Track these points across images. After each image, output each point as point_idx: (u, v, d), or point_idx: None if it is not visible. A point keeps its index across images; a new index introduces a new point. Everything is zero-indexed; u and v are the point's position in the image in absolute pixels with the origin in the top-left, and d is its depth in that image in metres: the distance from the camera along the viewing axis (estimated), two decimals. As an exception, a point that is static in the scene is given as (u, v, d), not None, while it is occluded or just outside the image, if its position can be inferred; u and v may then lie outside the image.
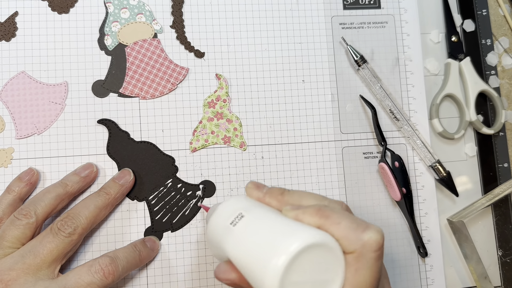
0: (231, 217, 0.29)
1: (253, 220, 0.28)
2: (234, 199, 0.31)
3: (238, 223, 0.29)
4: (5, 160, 0.40)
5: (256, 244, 0.27)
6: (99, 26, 0.43)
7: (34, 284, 0.33)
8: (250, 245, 0.27)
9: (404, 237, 0.45)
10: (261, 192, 0.31)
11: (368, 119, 0.45)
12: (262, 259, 0.26)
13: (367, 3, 0.47)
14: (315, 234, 0.26)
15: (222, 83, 0.43)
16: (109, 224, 0.40)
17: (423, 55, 0.47)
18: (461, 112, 0.48)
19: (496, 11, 0.50)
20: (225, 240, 0.29)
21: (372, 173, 0.45)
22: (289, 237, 0.25)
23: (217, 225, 0.30)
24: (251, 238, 0.27)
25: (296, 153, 0.44)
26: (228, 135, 0.43)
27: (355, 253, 0.26)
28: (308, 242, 0.25)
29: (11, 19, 0.42)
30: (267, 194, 0.31)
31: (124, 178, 0.40)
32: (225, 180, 0.43)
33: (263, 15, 0.45)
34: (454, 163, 0.47)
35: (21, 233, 0.35)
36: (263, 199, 0.31)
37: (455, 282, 0.46)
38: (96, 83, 0.42)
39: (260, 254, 0.26)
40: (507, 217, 0.47)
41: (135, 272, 0.40)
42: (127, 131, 0.42)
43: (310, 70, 0.45)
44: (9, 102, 0.41)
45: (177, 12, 0.44)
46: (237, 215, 0.29)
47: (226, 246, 0.29)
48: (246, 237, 0.28)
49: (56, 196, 0.37)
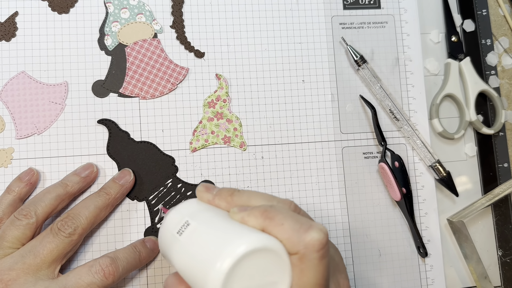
0: (177, 226, 0.29)
1: (198, 227, 0.28)
2: (183, 204, 0.31)
3: (184, 232, 0.28)
4: (5, 160, 0.40)
5: (200, 251, 0.26)
6: (99, 26, 0.43)
7: (34, 284, 0.33)
8: (194, 253, 0.27)
9: (404, 237, 0.45)
10: (211, 194, 0.31)
11: (368, 119, 0.45)
12: (205, 266, 0.25)
13: (367, 3, 0.47)
14: (258, 239, 0.25)
15: (222, 83, 0.43)
16: (109, 224, 0.40)
17: (423, 55, 0.47)
18: (461, 112, 0.48)
19: (496, 11, 0.50)
20: (172, 250, 0.28)
21: (372, 173, 0.45)
22: (230, 243, 0.25)
23: (165, 235, 0.30)
24: (195, 246, 0.27)
25: (296, 153, 0.44)
26: (228, 135, 0.43)
27: (298, 254, 0.25)
28: (250, 247, 0.25)
29: (11, 19, 0.42)
30: (216, 196, 0.31)
31: (124, 178, 0.40)
32: (225, 180, 0.43)
33: (263, 15, 0.45)
34: (454, 163, 0.47)
35: (21, 234, 0.35)
36: (212, 202, 0.31)
37: (455, 282, 0.46)
38: (96, 83, 0.42)
39: (203, 261, 0.26)
40: (507, 217, 0.47)
41: (135, 272, 0.40)
42: (127, 131, 0.42)
43: (310, 70, 0.45)
44: (9, 102, 0.41)
45: (177, 12, 0.44)
46: (183, 223, 0.29)
47: (173, 257, 0.28)
48: (190, 246, 0.27)
49: (56, 196, 0.37)
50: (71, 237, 0.35)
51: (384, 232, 0.44)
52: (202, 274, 0.25)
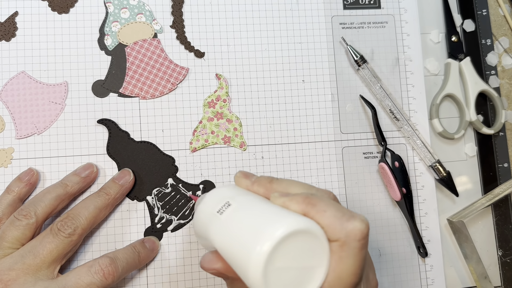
0: (218, 206, 0.29)
1: (240, 208, 0.28)
2: (222, 188, 0.31)
3: (225, 212, 0.28)
4: (5, 160, 0.40)
5: (241, 231, 0.27)
6: (99, 26, 0.43)
7: (34, 284, 0.33)
8: (236, 233, 0.27)
9: (404, 237, 0.45)
10: (250, 181, 0.31)
11: (368, 119, 0.45)
12: (246, 246, 0.25)
13: (367, 3, 0.47)
14: (300, 221, 0.26)
15: (222, 83, 0.43)
16: (109, 224, 0.40)
17: (423, 55, 0.47)
18: (461, 112, 0.48)
19: (496, 11, 0.50)
20: (212, 229, 0.29)
21: (372, 173, 0.45)
22: (274, 224, 0.25)
23: (204, 214, 0.30)
24: (236, 226, 0.27)
25: (296, 153, 0.44)
26: (228, 135, 0.43)
27: (339, 242, 0.26)
28: (292, 229, 0.25)
29: (11, 19, 0.42)
30: (255, 183, 0.31)
31: (124, 178, 0.40)
32: (225, 180, 0.43)
33: (263, 15, 0.45)
34: (454, 163, 0.47)
35: (21, 234, 0.35)
36: (251, 188, 0.31)
37: (455, 282, 0.46)
38: (96, 83, 0.42)
39: (245, 241, 0.26)
40: (507, 217, 0.47)
41: (135, 272, 0.40)
42: (127, 131, 0.42)
43: (310, 70, 0.45)
44: (9, 102, 0.41)
45: (177, 12, 0.44)
46: (224, 204, 0.29)
47: (213, 235, 0.28)
48: (232, 225, 0.28)
49: (56, 196, 0.37)
50: (71, 237, 0.35)
51: (384, 232, 0.44)
52: (244, 254, 0.25)
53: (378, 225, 0.44)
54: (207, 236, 0.29)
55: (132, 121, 0.42)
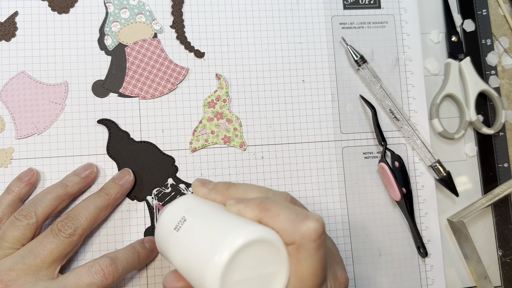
0: (174, 222, 0.29)
1: (195, 223, 0.28)
2: (179, 200, 0.31)
3: (181, 228, 0.28)
4: (5, 160, 0.40)
5: (197, 247, 0.26)
6: (99, 26, 0.42)
7: (34, 284, 0.33)
8: (191, 249, 0.27)
9: (404, 237, 0.45)
10: (207, 189, 0.31)
11: (368, 119, 0.45)
12: (202, 261, 0.25)
13: (367, 3, 0.47)
14: (253, 230, 0.25)
15: (222, 83, 0.43)
16: (109, 224, 0.40)
17: (423, 55, 0.47)
18: (461, 112, 0.48)
19: (496, 11, 0.50)
20: (170, 247, 0.28)
21: (372, 173, 0.45)
22: (227, 237, 0.25)
23: (162, 232, 0.29)
24: (192, 242, 0.27)
25: (296, 153, 0.44)
26: (228, 135, 0.43)
27: (295, 244, 0.25)
28: (246, 240, 0.25)
29: (11, 19, 0.41)
30: (212, 191, 0.31)
31: (124, 178, 0.40)
32: (225, 180, 0.43)
33: (263, 15, 0.45)
34: (454, 163, 0.47)
35: (21, 234, 0.35)
36: (208, 196, 0.31)
37: (455, 282, 0.46)
38: (96, 83, 0.42)
39: (200, 257, 0.25)
40: (507, 217, 0.47)
41: (135, 272, 0.40)
42: (127, 131, 0.42)
43: (310, 70, 0.45)
44: (9, 102, 0.41)
45: (177, 12, 0.44)
46: (180, 219, 0.28)
47: (171, 253, 0.28)
48: (188, 241, 0.27)
49: (56, 196, 0.37)
50: (71, 237, 0.35)
51: (384, 232, 0.44)
52: (200, 268, 0.25)
53: (378, 225, 0.44)
54: (167, 255, 0.29)
55: (132, 121, 0.42)
